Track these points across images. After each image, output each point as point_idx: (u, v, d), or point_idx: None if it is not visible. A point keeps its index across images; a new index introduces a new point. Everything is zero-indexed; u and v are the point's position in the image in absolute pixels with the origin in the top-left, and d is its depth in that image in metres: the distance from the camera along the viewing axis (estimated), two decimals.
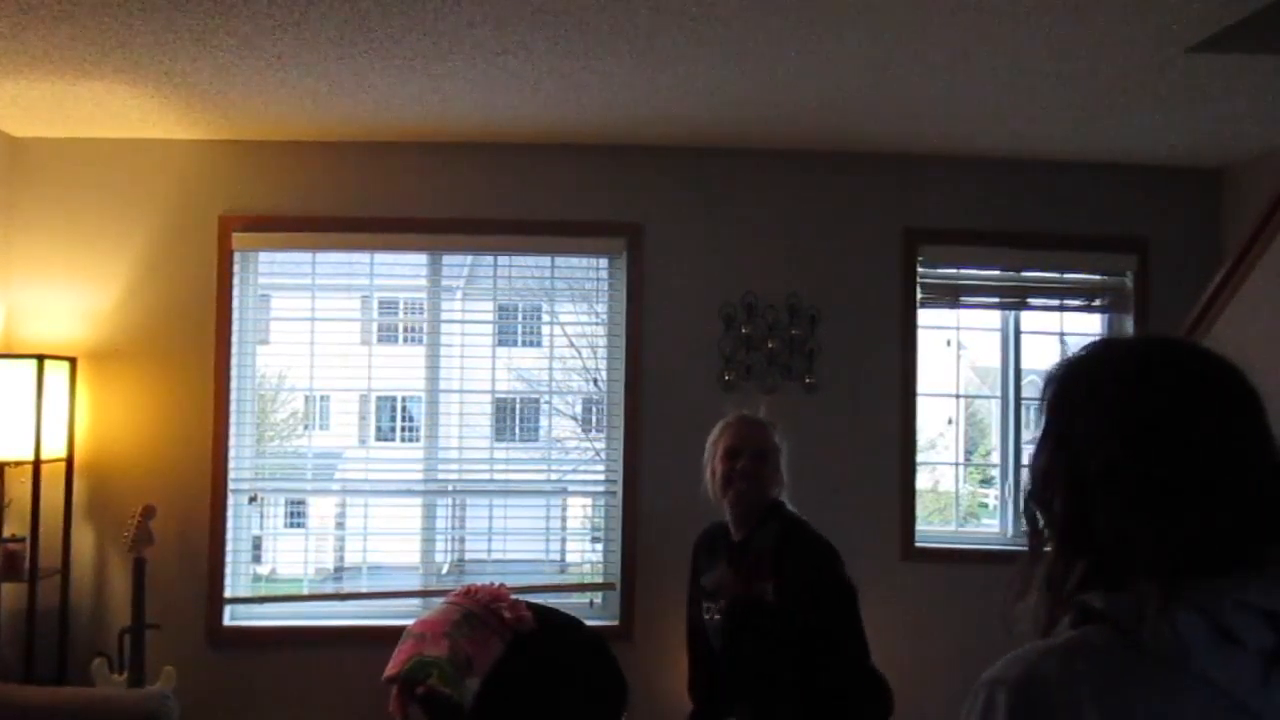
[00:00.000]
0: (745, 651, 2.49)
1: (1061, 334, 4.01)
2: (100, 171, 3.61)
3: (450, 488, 3.84)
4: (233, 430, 3.64)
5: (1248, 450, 0.88)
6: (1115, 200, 3.85)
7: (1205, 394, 0.90)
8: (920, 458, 3.83)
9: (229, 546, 3.62)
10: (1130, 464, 0.87)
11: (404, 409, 4.37)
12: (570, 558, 3.98)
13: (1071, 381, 0.97)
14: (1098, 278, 3.93)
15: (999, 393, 4.01)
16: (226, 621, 3.62)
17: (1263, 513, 0.86)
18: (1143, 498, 0.86)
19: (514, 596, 3.33)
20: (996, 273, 3.92)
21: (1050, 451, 0.95)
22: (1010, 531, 3.92)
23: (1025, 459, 3.93)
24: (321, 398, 4.05)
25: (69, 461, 3.43)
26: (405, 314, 4.17)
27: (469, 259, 3.89)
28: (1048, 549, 0.94)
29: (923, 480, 3.89)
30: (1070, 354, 1.00)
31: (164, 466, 3.56)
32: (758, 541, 2.53)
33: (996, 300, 3.93)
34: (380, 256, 3.80)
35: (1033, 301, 3.93)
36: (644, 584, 3.65)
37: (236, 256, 3.66)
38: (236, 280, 3.66)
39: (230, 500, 3.64)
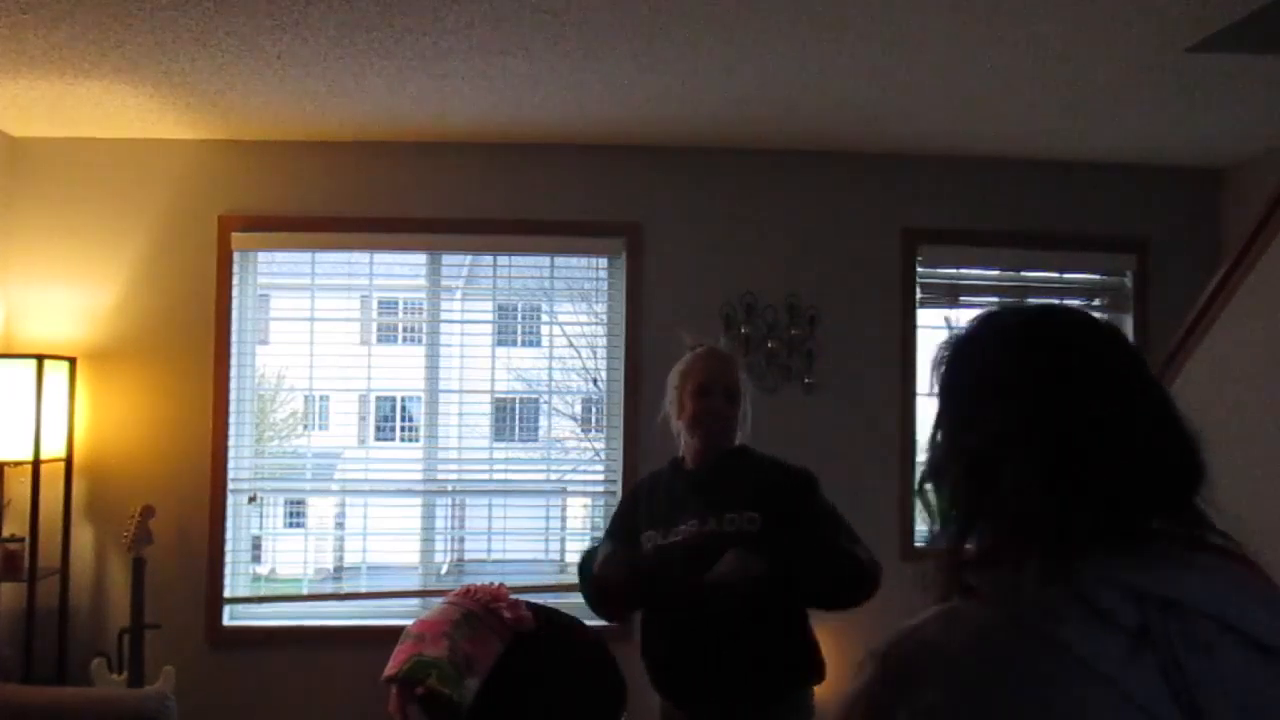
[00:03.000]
0: (724, 580, 2.17)
1: None
2: (99, 171, 3.61)
3: (449, 488, 3.83)
4: (232, 430, 3.64)
5: (1131, 420, 0.87)
6: (1115, 200, 3.85)
7: (1087, 364, 0.89)
8: (920, 458, 3.83)
9: (228, 546, 3.62)
10: (1015, 440, 0.87)
11: (403, 409, 4.37)
12: (570, 558, 3.97)
13: (954, 360, 0.97)
14: (1097, 277, 3.94)
15: None
16: (226, 621, 3.62)
17: (1148, 482, 0.85)
18: (1027, 473, 0.85)
19: (514, 596, 3.33)
20: (996, 273, 3.92)
21: (941, 432, 0.95)
22: None
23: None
24: (321, 398, 4.06)
25: (68, 461, 3.43)
26: (404, 314, 4.17)
27: (468, 259, 3.89)
28: (943, 529, 0.94)
29: None
30: (953, 331, 0.99)
31: (163, 466, 3.56)
32: (727, 474, 2.36)
33: (996, 300, 3.93)
34: (379, 256, 3.79)
35: (1032, 301, 3.93)
36: None
37: (236, 256, 3.66)
38: (236, 280, 3.66)
39: (230, 500, 3.63)
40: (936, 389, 0.98)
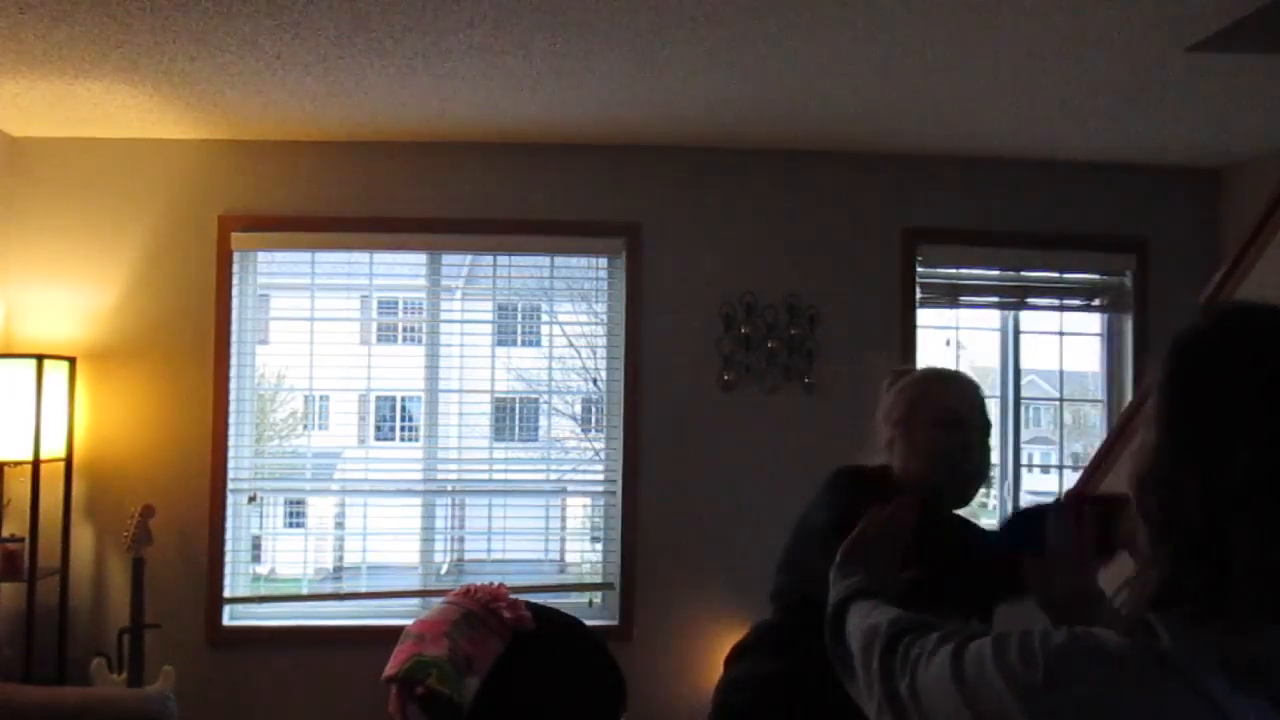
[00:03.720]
0: None
1: (1060, 334, 4.01)
2: (99, 171, 3.60)
3: (449, 487, 3.83)
4: (232, 430, 3.64)
5: None
6: (1114, 200, 3.85)
7: None
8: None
9: (228, 546, 3.62)
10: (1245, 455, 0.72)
11: (403, 409, 4.37)
12: (569, 558, 3.98)
13: (1207, 362, 0.79)
14: (1097, 277, 3.94)
15: (998, 393, 4.01)
16: (226, 621, 3.62)
17: None
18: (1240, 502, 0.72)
19: (513, 596, 3.33)
20: (996, 272, 3.92)
21: (1175, 446, 0.78)
22: None
23: (1025, 459, 3.93)
24: (321, 398, 4.05)
25: (68, 461, 3.43)
26: (404, 314, 4.17)
27: (468, 259, 3.89)
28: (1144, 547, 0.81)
29: None
30: (1201, 324, 0.82)
31: (163, 466, 3.56)
32: (985, 536, 1.90)
33: (995, 300, 3.93)
34: (379, 256, 3.79)
35: (1032, 301, 3.93)
36: (643, 584, 3.65)
37: (236, 256, 3.66)
38: (236, 280, 3.66)
39: (229, 500, 3.63)
40: (1175, 386, 0.80)
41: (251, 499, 3.74)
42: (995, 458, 4.01)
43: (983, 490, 4.26)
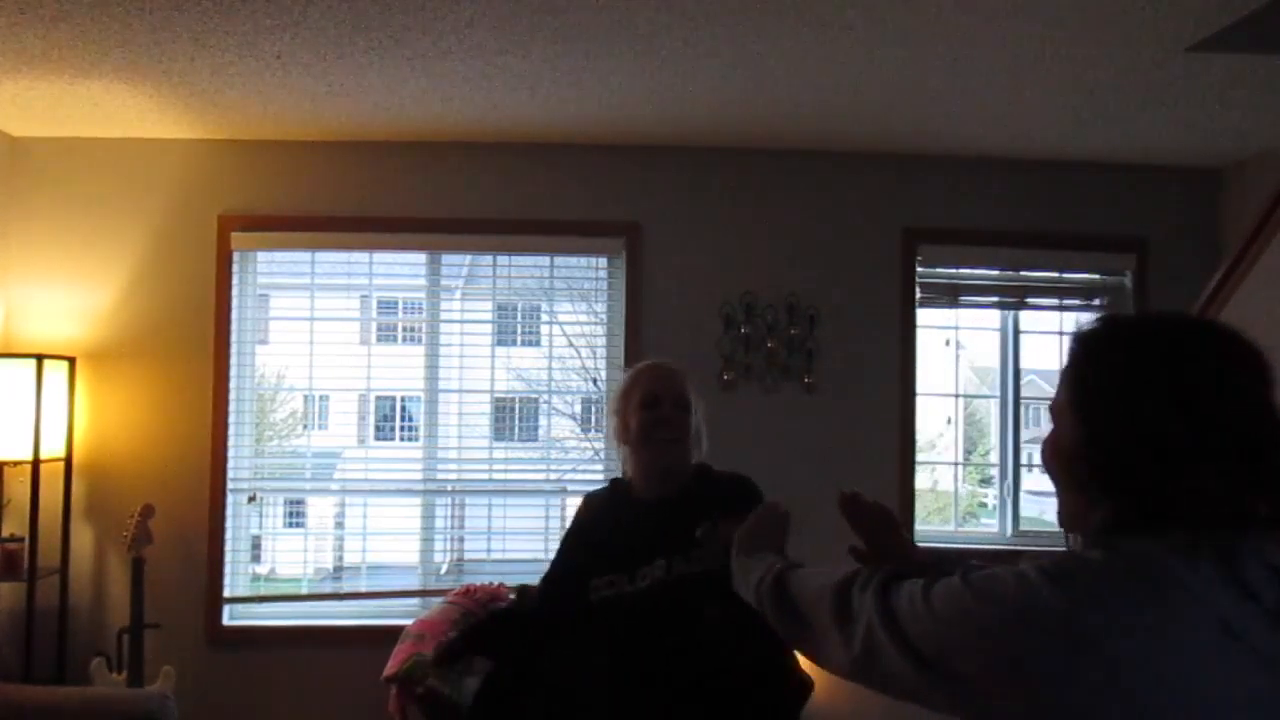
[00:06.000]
0: (693, 636, 1.94)
1: (1060, 333, 4.01)
2: (99, 171, 3.60)
3: (449, 487, 3.83)
4: (232, 430, 3.64)
5: (1275, 422, 0.97)
6: (1114, 200, 3.85)
7: (1246, 366, 0.99)
8: (919, 457, 3.83)
9: (228, 546, 3.62)
10: (1183, 418, 0.96)
11: (403, 409, 4.37)
12: None
13: (1107, 344, 1.05)
14: (1097, 277, 3.94)
15: (998, 392, 4.01)
16: (225, 621, 3.62)
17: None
18: (1185, 456, 0.96)
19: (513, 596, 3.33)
20: (995, 272, 3.92)
21: (1089, 409, 1.03)
22: (1009, 531, 3.92)
23: (1025, 459, 3.93)
24: (320, 397, 4.05)
25: (68, 461, 3.43)
26: (404, 314, 4.16)
27: (468, 259, 3.89)
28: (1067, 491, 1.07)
29: (922, 480, 3.89)
30: (1088, 324, 1.08)
31: (163, 466, 3.56)
32: (687, 501, 2.08)
33: (995, 300, 3.93)
34: (379, 256, 3.79)
35: (1032, 301, 3.93)
36: None
37: (235, 256, 3.66)
38: (235, 280, 3.66)
39: (229, 500, 3.63)
40: (1089, 371, 1.05)
41: (251, 499, 3.74)
42: (994, 458, 4.02)
43: (983, 489, 4.27)
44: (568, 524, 3.96)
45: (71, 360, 3.47)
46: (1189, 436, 0.95)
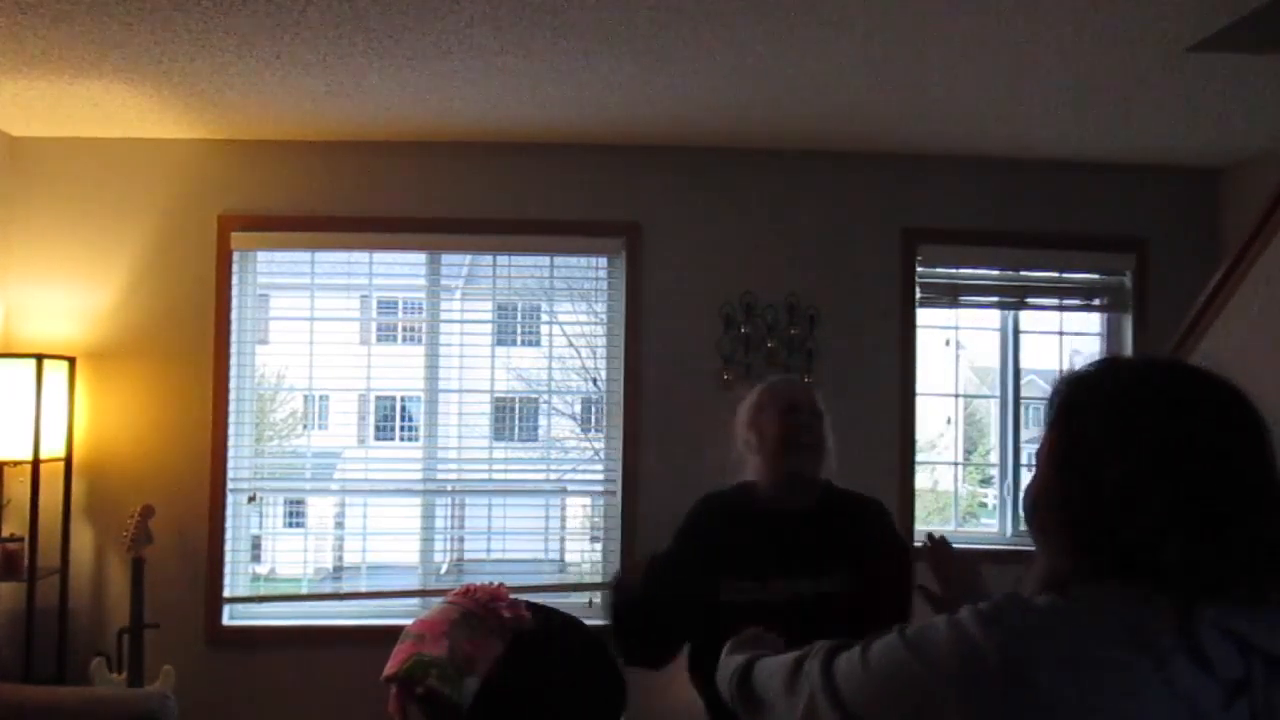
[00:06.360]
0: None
1: (1060, 333, 4.01)
2: (99, 171, 3.60)
3: (449, 487, 3.83)
4: (232, 430, 3.64)
5: (1262, 479, 0.92)
6: (1114, 200, 3.85)
7: (1226, 420, 0.94)
8: (919, 457, 3.83)
9: (228, 546, 3.62)
10: (1157, 481, 0.92)
11: (403, 409, 4.37)
12: (569, 557, 3.98)
13: (1089, 395, 1.00)
14: (1097, 277, 3.94)
15: (998, 392, 4.01)
16: (225, 621, 3.62)
17: (1271, 547, 0.91)
18: (1164, 515, 0.91)
19: (513, 596, 3.33)
20: (995, 272, 3.92)
21: (1064, 462, 0.99)
22: (1009, 531, 3.92)
23: (1025, 459, 3.93)
24: (320, 397, 4.05)
25: (68, 461, 3.43)
26: (404, 314, 4.17)
27: (468, 259, 3.89)
28: (1043, 550, 1.02)
29: (922, 480, 3.89)
30: (1079, 369, 1.04)
31: (163, 466, 3.56)
32: (837, 514, 2.18)
33: (995, 300, 3.93)
34: (379, 256, 3.79)
35: (1031, 301, 3.93)
36: None
37: (235, 256, 3.66)
38: (235, 280, 3.66)
39: (229, 500, 3.63)
40: (1065, 415, 1.01)
41: (251, 499, 3.74)
42: (994, 458, 4.02)
43: (983, 489, 4.27)
44: (568, 523, 4.02)
45: (71, 360, 3.47)
46: (1160, 500, 0.91)
